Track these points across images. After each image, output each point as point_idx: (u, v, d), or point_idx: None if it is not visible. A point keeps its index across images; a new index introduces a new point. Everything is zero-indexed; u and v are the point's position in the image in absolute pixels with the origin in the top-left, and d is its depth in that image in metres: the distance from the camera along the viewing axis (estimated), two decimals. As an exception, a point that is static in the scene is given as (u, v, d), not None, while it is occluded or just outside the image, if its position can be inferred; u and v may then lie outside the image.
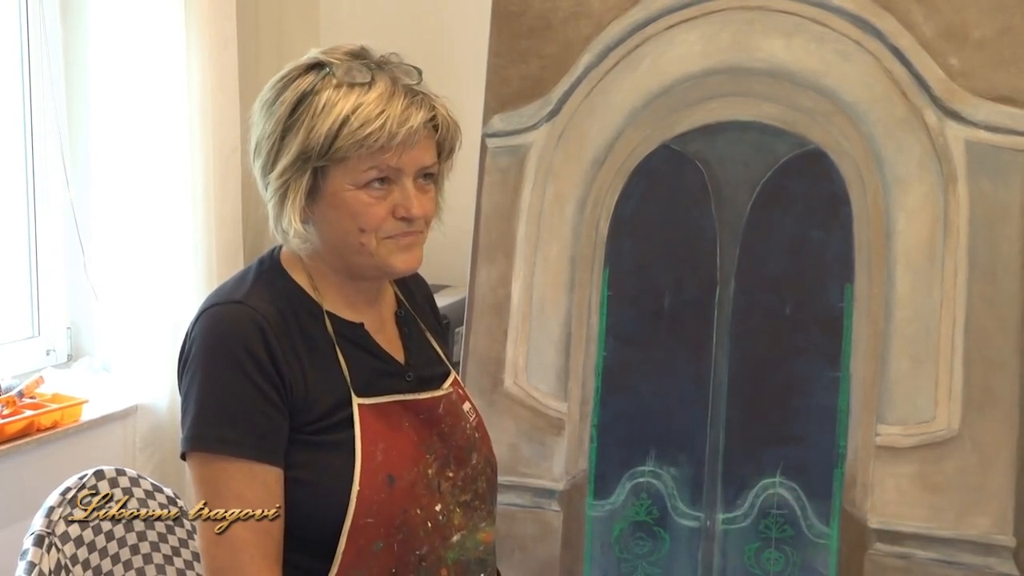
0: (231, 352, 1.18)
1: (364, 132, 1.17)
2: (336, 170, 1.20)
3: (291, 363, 1.20)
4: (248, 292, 1.24)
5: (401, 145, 1.19)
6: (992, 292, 1.82)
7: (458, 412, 1.33)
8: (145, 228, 2.14)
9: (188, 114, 2.12)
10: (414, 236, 1.25)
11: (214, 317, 1.22)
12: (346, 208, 1.21)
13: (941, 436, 1.83)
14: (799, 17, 1.94)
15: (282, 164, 1.21)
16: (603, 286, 2.03)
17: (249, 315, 1.20)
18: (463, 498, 1.30)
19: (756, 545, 1.92)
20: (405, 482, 1.23)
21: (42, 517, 1.51)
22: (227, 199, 2.21)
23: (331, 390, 1.23)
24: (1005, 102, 1.83)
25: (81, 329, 2.27)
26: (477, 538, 1.32)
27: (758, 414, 1.93)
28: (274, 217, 1.25)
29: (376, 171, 1.20)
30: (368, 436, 1.21)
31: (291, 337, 1.22)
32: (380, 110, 1.18)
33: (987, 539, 1.80)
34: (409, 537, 1.22)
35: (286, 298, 1.25)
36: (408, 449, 1.25)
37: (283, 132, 1.21)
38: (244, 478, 1.16)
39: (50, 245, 2.20)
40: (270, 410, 1.17)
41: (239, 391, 1.17)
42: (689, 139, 1.99)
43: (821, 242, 1.92)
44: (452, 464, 1.29)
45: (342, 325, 1.27)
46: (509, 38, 2.10)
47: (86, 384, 2.14)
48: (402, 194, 1.22)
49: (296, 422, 1.20)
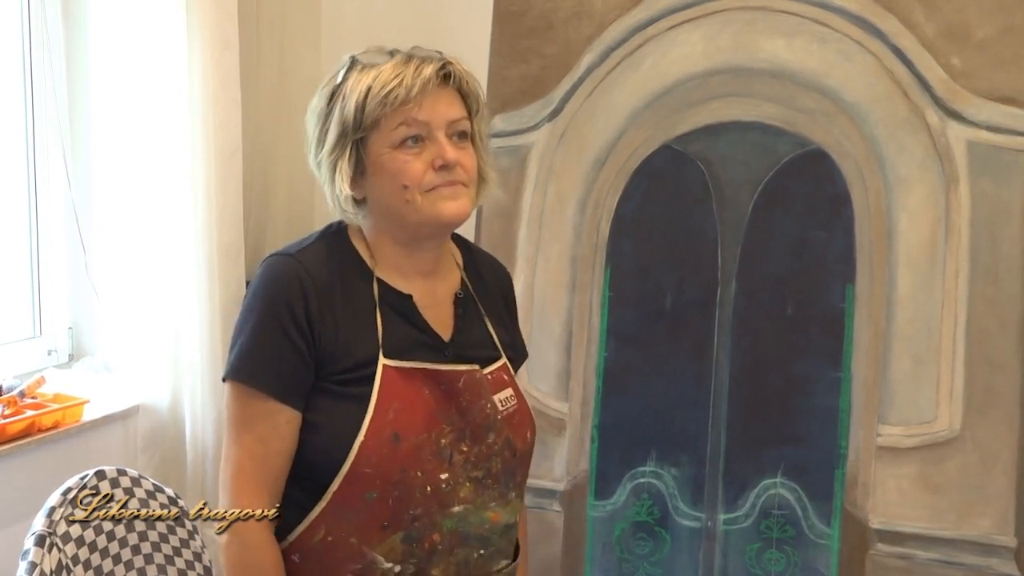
0: (270, 299, 1.31)
1: (384, 91, 1.29)
2: (373, 138, 1.31)
3: (325, 318, 1.31)
4: (303, 249, 1.36)
5: (420, 95, 1.29)
6: (993, 292, 1.82)
7: (480, 391, 1.37)
8: (146, 229, 2.14)
9: (190, 115, 2.12)
10: (456, 186, 1.33)
11: (267, 266, 1.35)
12: (387, 170, 1.31)
13: (942, 437, 1.83)
14: (801, 17, 1.94)
15: (327, 146, 1.33)
16: (604, 286, 2.03)
17: (295, 268, 1.32)
18: (475, 474, 1.34)
19: (757, 545, 1.92)
20: (410, 443, 1.29)
21: (43, 517, 1.51)
22: (228, 200, 2.20)
23: (362, 347, 1.32)
24: (1007, 102, 1.83)
25: (82, 329, 2.26)
26: (483, 515, 1.35)
27: (759, 414, 1.93)
28: (330, 195, 1.36)
29: (405, 127, 1.30)
30: (385, 394, 1.30)
31: (332, 293, 1.32)
32: (396, 73, 1.31)
33: (988, 539, 1.79)
34: (405, 495, 1.29)
35: (338, 259, 1.36)
36: (422, 414, 1.31)
37: (324, 121, 1.34)
38: (259, 411, 1.30)
39: (52, 245, 2.20)
40: (295, 358, 1.29)
41: (270, 335, 1.30)
42: (691, 139, 1.99)
43: (822, 242, 1.92)
44: (468, 439, 1.34)
45: (389, 293, 1.36)
46: (510, 38, 2.10)
47: (87, 384, 2.13)
48: (436, 147, 1.31)
49: (323, 371, 1.31)
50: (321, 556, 1.31)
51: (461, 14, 2.47)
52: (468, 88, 1.37)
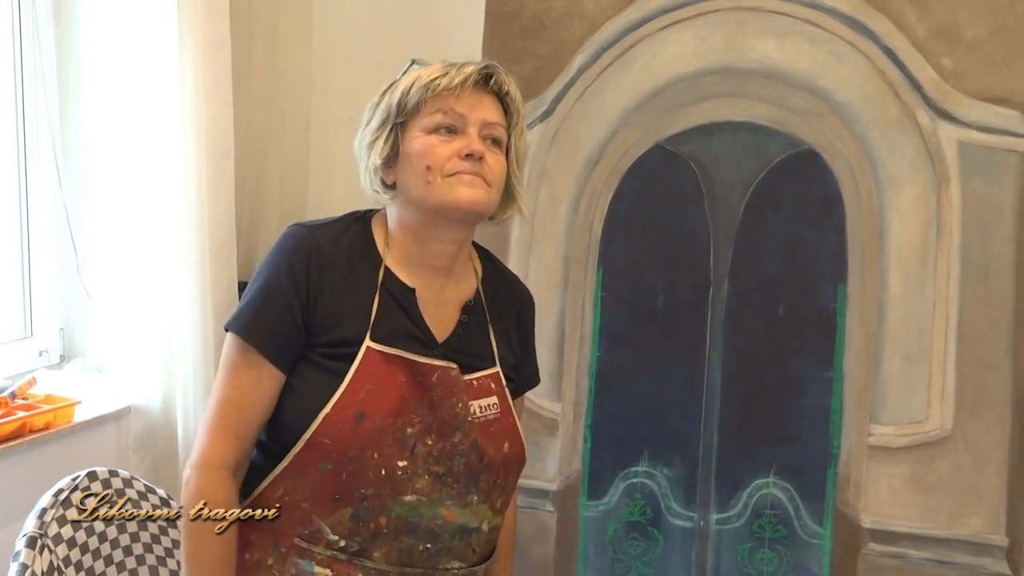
0: (277, 264, 1.39)
1: (429, 79, 1.37)
2: (411, 123, 1.38)
3: (324, 289, 1.37)
4: (323, 224, 1.44)
5: (460, 88, 1.37)
6: (985, 292, 1.83)
7: (452, 389, 1.39)
8: (138, 229, 2.13)
9: (181, 115, 2.11)
10: (478, 177, 1.37)
11: (285, 233, 1.42)
12: (416, 152, 1.37)
13: (934, 436, 1.83)
14: (792, 18, 1.94)
15: (371, 127, 1.42)
16: (597, 286, 2.03)
17: (306, 239, 1.39)
18: (435, 468, 1.37)
19: (750, 545, 1.92)
20: (373, 425, 1.34)
21: (35, 519, 1.50)
22: (220, 200, 2.20)
23: (351, 326, 1.37)
24: (997, 103, 1.84)
25: (74, 330, 2.26)
26: (436, 511, 1.38)
27: (751, 414, 1.94)
28: (364, 174, 1.43)
29: (441, 114, 1.37)
30: (361, 374, 1.35)
31: (337, 268, 1.39)
32: (445, 68, 1.39)
33: (980, 539, 1.80)
34: (358, 473, 1.33)
35: (353, 241, 1.42)
36: (392, 400, 1.35)
37: (373, 109, 1.43)
38: (244, 359, 1.37)
39: (43, 246, 2.19)
40: (287, 318, 1.36)
41: (270, 295, 1.38)
42: (683, 139, 2.00)
43: (814, 242, 1.92)
44: (434, 433, 1.37)
45: (393, 282, 1.41)
46: (503, 38, 2.10)
47: (79, 385, 2.13)
48: (466, 138, 1.37)
49: (311, 340, 1.37)
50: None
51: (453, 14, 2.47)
52: (511, 99, 1.42)
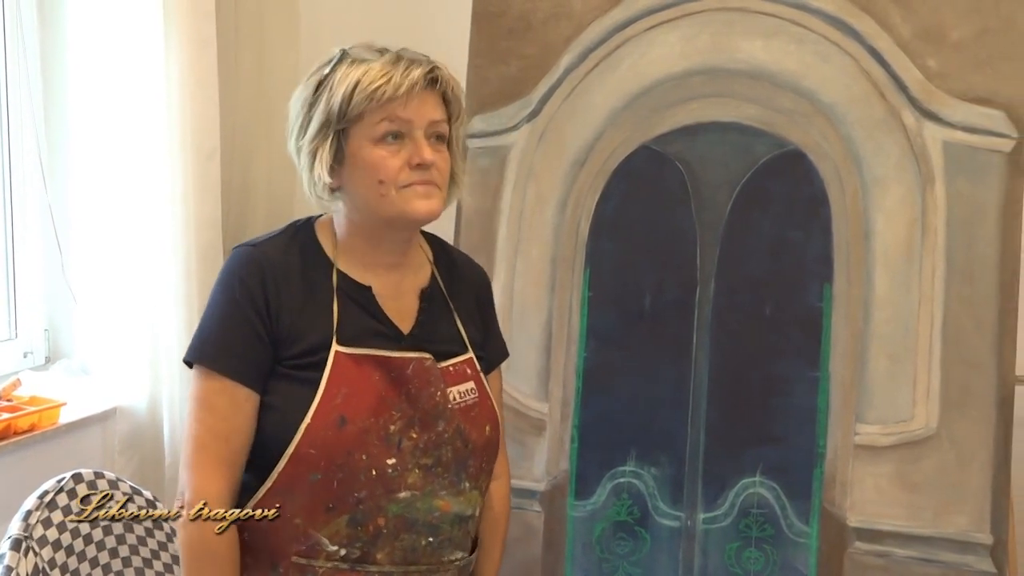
0: (232, 285, 1.37)
1: (373, 87, 1.34)
2: (355, 130, 1.36)
3: (283, 303, 1.37)
4: (265, 241, 1.43)
5: (406, 95, 1.35)
6: (969, 292, 1.84)
7: (429, 379, 1.40)
8: (123, 230, 2.12)
9: (167, 115, 2.11)
10: (430, 186, 1.38)
11: (231, 256, 1.42)
12: (365, 164, 1.36)
13: (919, 435, 1.84)
14: (778, 19, 1.95)
15: (310, 133, 1.38)
16: (584, 287, 2.03)
17: (255, 257, 1.39)
18: (424, 461, 1.38)
19: (736, 544, 1.93)
20: (356, 427, 1.34)
21: (19, 521, 1.50)
22: (206, 201, 2.19)
23: (317, 333, 1.37)
24: (982, 103, 1.85)
25: (59, 331, 2.25)
26: (432, 503, 1.38)
27: (738, 414, 1.94)
28: (308, 182, 1.41)
29: (388, 122, 1.35)
30: (335, 379, 1.35)
31: (291, 280, 1.38)
32: (386, 71, 1.35)
33: (965, 537, 1.81)
34: (349, 478, 1.33)
35: (300, 251, 1.42)
36: (370, 400, 1.35)
37: (309, 109, 1.39)
38: (217, 389, 1.35)
39: (27, 246, 2.18)
40: (252, 338, 1.35)
41: (230, 318, 1.36)
42: (669, 140, 2.00)
43: (800, 242, 1.93)
44: (417, 426, 1.38)
45: (348, 284, 1.41)
46: (489, 39, 2.10)
47: (64, 386, 2.12)
48: (414, 146, 1.36)
49: (279, 355, 1.36)
50: (268, 536, 1.35)
51: (440, 14, 2.47)
52: (452, 94, 1.41)
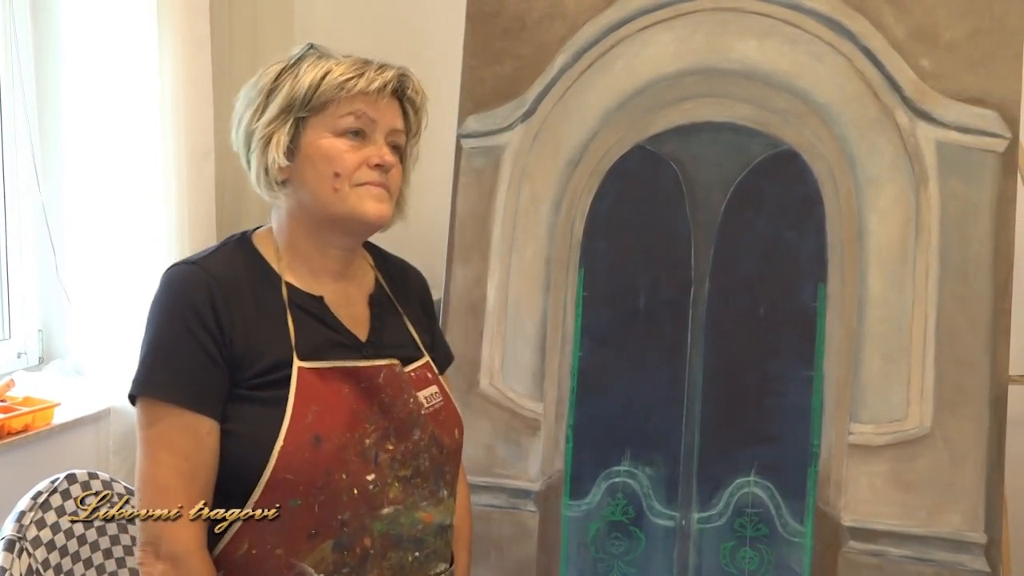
0: (176, 307, 1.26)
1: (344, 78, 1.30)
2: (315, 120, 1.31)
3: (235, 321, 1.27)
4: (205, 257, 1.33)
5: (377, 94, 1.31)
6: (963, 291, 1.84)
7: (400, 385, 1.34)
8: (117, 230, 2.12)
9: (161, 115, 2.11)
10: (384, 189, 1.34)
11: (169, 276, 1.31)
12: (322, 155, 1.30)
13: (913, 434, 1.85)
14: (772, 19, 1.95)
15: (267, 116, 1.31)
16: (578, 287, 2.03)
17: (199, 274, 1.29)
18: (403, 473, 1.32)
19: (731, 544, 1.93)
20: (333, 445, 1.26)
21: (13, 522, 1.49)
22: (201, 201, 2.19)
23: (274, 350, 1.28)
24: (975, 103, 1.85)
25: (53, 332, 2.25)
26: (415, 516, 1.33)
27: (733, 414, 1.94)
28: (258, 169, 1.33)
29: (353, 117, 1.31)
30: (302, 397, 1.26)
31: (240, 298, 1.29)
32: (357, 67, 1.32)
33: (959, 536, 1.81)
34: (331, 500, 1.25)
35: (244, 265, 1.33)
36: (343, 415, 1.28)
37: (268, 94, 1.33)
38: (175, 423, 1.23)
39: (21, 247, 2.18)
40: (207, 363, 1.24)
41: (179, 343, 1.25)
42: (663, 140, 2.00)
43: (794, 242, 1.93)
44: (393, 437, 1.31)
45: (299, 295, 1.34)
46: (484, 39, 2.10)
47: (58, 387, 2.12)
48: (375, 147, 1.33)
49: (236, 377, 1.26)
50: (247, 571, 1.25)
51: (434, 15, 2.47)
52: (418, 106, 1.38)
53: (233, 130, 1.37)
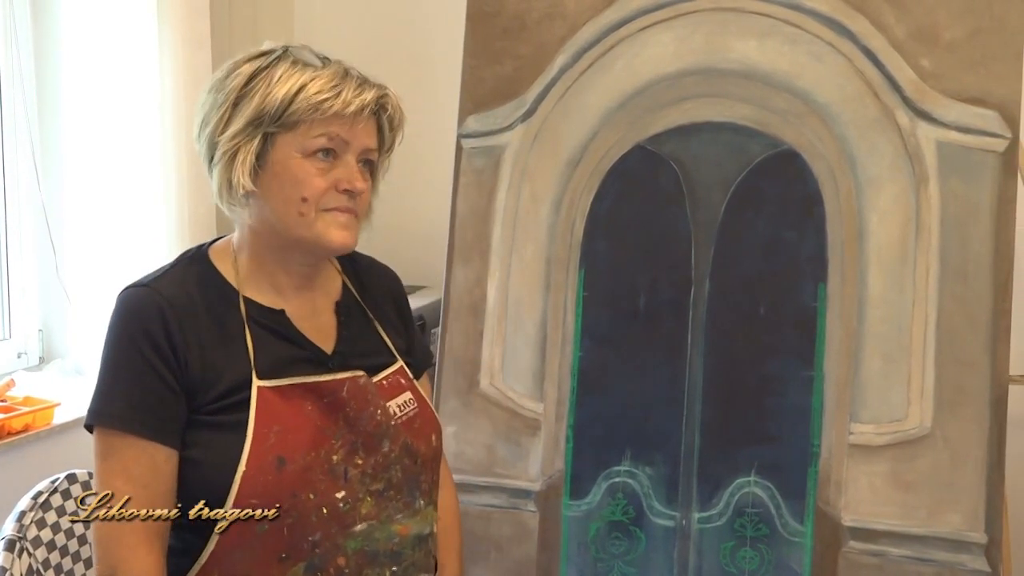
0: (129, 333, 1.22)
1: (320, 98, 1.23)
2: (286, 137, 1.24)
3: (190, 344, 1.23)
4: (158, 277, 1.28)
5: (353, 117, 1.25)
6: (963, 291, 1.84)
7: (366, 397, 1.30)
8: (118, 230, 2.12)
9: (161, 114, 2.11)
10: (352, 214, 1.29)
11: (121, 300, 1.26)
12: (290, 176, 1.24)
13: (913, 434, 1.85)
14: (772, 19, 1.95)
15: (233, 128, 1.24)
16: (579, 287, 2.03)
17: (151, 297, 1.24)
18: (375, 487, 1.28)
19: (731, 544, 1.93)
20: (297, 466, 1.22)
21: (13, 522, 1.49)
22: (201, 200, 2.20)
23: (232, 372, 1.24)
24: (975, 103, 1.85)
25: (53, 331, 2.25)
26: (391, 529, 1.29)
27: (733, 413, 1.94)
28: (220, 183, 1.27)
29: (325, 139, 1.24)
30: (263, 417, 1.22)
31: (196, 319, 1.25)
32: (335, 84, 1.24)
33: (959, 536, 1.81)
34: (300, 522, 1.21)
35: (199, 283, 1.28)
36: (307, 433, 1.24)
37: (236, 100, 1.25)
38: (132, 453, 1.20)
39: (21, 247, 2.18)
40: (163, 390, 1.21)
41: (133, 370, 1.21)
42: (663, 140, 2.00)
43: (795, 242, 1.93)
44: (361, 451, 1.28)
45: (259, 311, 1.29)
46: (484, 39, 2.10)
47: (58, 387, 2.12)
48: (345, 169, 1.27)
49: (194, 403, 1.23)
50: None
51: (434, 14, 2.48)
52: (395, 124, 1.32)
53: (196, 129, 1.30)
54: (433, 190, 1.82)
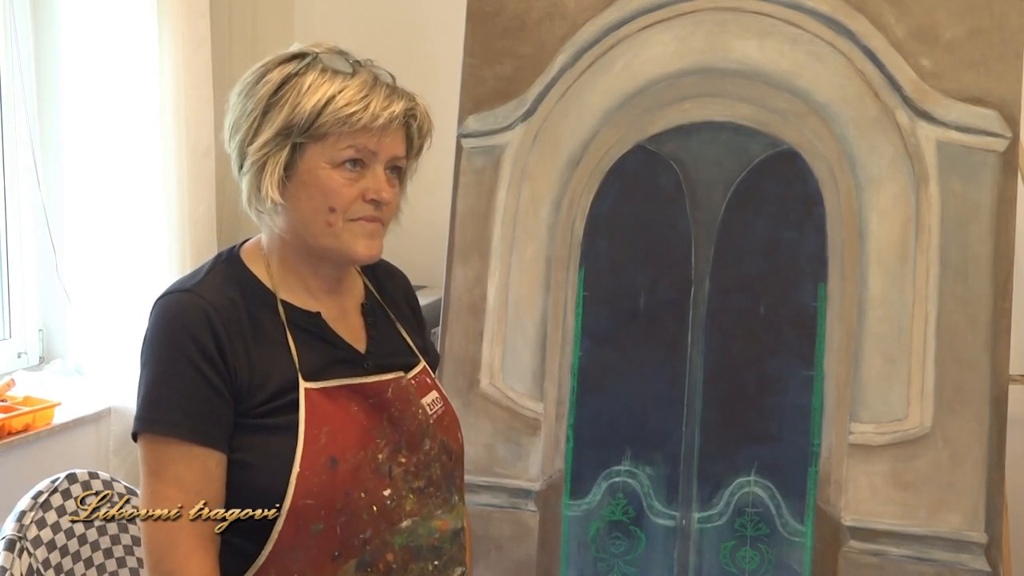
0: (177, 339, 1.22)
1: (349, 111, 1.22)
2: (314, 148, 1.24)
3: (237, 349, 1.24)
4: (200, 282, 1.28)
5: (381, 129, 1.25)
6: (963, 291, 1.84)
7: (408, 397, 1.33)
8: (118, 229, 2.12)
9: (161, 114, 2.11)
10: (378, 224, 1.29)
11: (164, 306, 1.26)
12: (319, 186, 1.25)
13: (913, 434, 1.85)
14: (772, 18, 1.95)
15: (263, 138, 1.25)
16: (579, 286, 2.03)
17: (197, 303, 1.24)
18: (416, 484, 1.30)
19: (731, 543, 1.93)
20: (349, 465, 1.24)
21: (13, 521, 1.49)
22: (201, 200, 2.20)
23: (278, 375, 1.25)
24: (975, 103, 1.85)
25: (53, 331, 2.25)
26: (431, 525, 1.32)
27: (733, 413, 1.94)
28: (249, 191, 1.29)
29: (353, 150, 1.25)
30: (312, 419, 1.24)
31: (240, 324, 1.25)
32: (364, 94, 1.24)
33: (959, 535, 1.81)
34: (352, 520, 1.24)
35: (239, 287, 1.29)
36: (355, 433, 1.26)
37: (265, 109, 1.25)
38: (184, 460, 1.20)
39: (22, 247, 2.18)
40: (213, 396, 1.21)
41: (183, 377, 1.21)
42: (664, 139, 2.00)
43: (795, 242, 1.93)
44: (404, 449, 1.30)
45: (296, 313, 1.30)
46: (484, 39, 2.10)
47: (59, 387, 2.12)
48: (373, 179, 1.27)
49: (242, 407, 1.23)
50: None
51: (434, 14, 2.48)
52: (421, 131, 1.32)
53: (226, 133, 1.31)
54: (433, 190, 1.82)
